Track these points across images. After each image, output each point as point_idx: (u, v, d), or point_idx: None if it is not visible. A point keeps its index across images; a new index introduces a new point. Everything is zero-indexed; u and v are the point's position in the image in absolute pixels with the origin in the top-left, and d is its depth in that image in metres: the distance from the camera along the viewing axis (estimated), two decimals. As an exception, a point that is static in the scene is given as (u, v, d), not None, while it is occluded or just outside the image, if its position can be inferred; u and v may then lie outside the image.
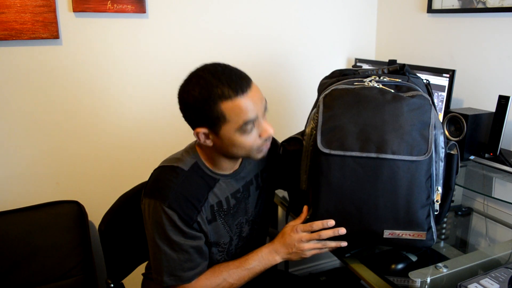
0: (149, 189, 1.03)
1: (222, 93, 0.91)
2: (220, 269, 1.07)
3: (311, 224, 1.01)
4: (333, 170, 0.96)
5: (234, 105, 0.92)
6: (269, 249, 1.08)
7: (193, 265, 1.03)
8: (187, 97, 0.95)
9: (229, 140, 0.96)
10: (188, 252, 1.02)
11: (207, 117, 0.94)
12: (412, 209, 0.95)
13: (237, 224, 1.13)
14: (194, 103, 0.94)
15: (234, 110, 0.92)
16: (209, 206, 1.05)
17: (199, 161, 1.05)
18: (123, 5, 1.55)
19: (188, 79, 0.96)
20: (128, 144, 1.70)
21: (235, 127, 0.94)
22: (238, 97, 0.92)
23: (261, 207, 1.20)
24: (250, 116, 0.94)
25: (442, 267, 0.98)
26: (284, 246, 1.06)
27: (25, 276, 1.44)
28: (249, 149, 0.99)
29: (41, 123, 1.56)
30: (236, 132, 0.95)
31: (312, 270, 2.19)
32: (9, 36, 1.43)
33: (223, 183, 1.08)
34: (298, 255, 1.05)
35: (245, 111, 0.93)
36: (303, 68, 1.94)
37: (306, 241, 1.03)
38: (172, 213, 0.98)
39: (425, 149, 0.95)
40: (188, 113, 0.98)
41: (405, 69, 1.10)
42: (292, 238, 1.04)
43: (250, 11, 1.79)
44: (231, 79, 0.92)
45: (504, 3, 1.44)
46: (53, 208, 1.54)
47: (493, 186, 1.42)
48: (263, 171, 1.19)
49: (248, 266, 1.06)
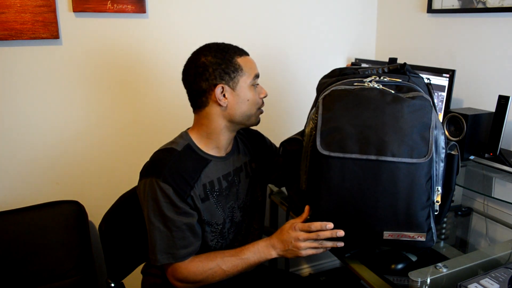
0: (145, 170, 1.10)
1: (236, 50, 1.11)
2: (215, 254, 1.10)
3: (309, 224, 1.02)
4: (333, 172, 0.96)
5: (246, 60, 1.11)
6: (266, 243, 1.09)
7: (186, 243, 1.07)
8: (203, 61, 1.08)
9: (244, 94, 1.09)
10: (181, 229, 1.06)
11: (226, 70, 1.07)
12: (412, 210, 0.95)
13: (229, 207, 1.17)
14: (212, 63, 1.07)
15: (247, 64, 1.10)
16: (202, 185, 1.10)
17: (192, 143, 1.13)
18: (123, 5, 1.55)
19: (195, 52, 1.11)
20: (128, 144, 1.70)
21: (249, 79, 1.10)
22: (247, 56, 1.13)
23: (252, 196, 1.25)
24: (257, 71, 1.13)
25: (442, 267, 0.98)
26: (281, 242, 1.07)
27: (25, 276, 1.44)
28: (256, 106, 1.13)
29: (41, 123, 1.56)
30: (249, 85, 1.10)
31: (312, 270, 2.20)
32: (9, 36, 1.43)
33: (214, 165, 1.14)
34: (294, 253, 1.06)
35: (254, 67, 1.12)
36: (303, 68, 1.94)
37: (303, 240, 1.04)
38: (166, 187, 1.03)
39: (425, 151, 0.94)
40: (203, 76, 1.07)
41: (405, 68, 1.09)
42: (289, 235, 1.05)
43: (250, 11, 1.79)
44: (234, 46, 1.13)
45: (504, 3, 1.44)
46: (53, 208, 1.54)
47: (493, 186, 1.42)
48: (251, 160, 1.26)
49: (243, 256, 1.08)
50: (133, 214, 1.26)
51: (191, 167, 1.09)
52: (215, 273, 1.08)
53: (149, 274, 1.23)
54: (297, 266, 2.16)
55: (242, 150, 1.24)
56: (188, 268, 1.07)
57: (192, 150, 1.12)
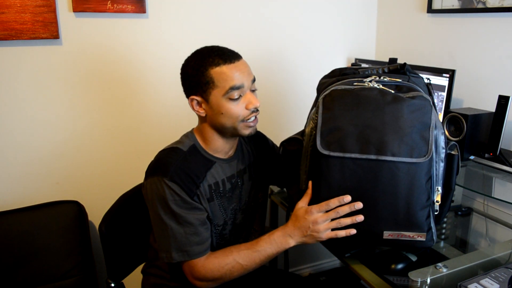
0: (151, 169, 1.08)
1: (213, 60, 1.03)
2: (231, 249, 1.07)
3: (327, 202, 0.97)
4: (333, 172, 0.96)
5: (221, 71, 1.03)
6: (282, 232, 1.05)
7: (199, 240, 1.05)
8: (185, 67, 1.08)
9: (217, 107, 1.05)
10: (193, 225, 1.04)
11: (199, 83, 1.04)
12: (412, 210, 0.95)
13: (232, 209, 1.16)
14: (189, 71, 1.06)
15: (221, 76, 1.03)
16: (207, 185, 1.10)
17: (197, 144, 1.12)
18: (123, 5, 1.55)
19: (189, 55, 1.09)
20: (128, 144, 1.70)
21: (222, 92, 1.03)
22: (226, 65, 1.03)
23: (254, 198, 1.24)
24: (236, 83, 1.03)
25: (442, 267, 0.98)
26: (298, 229, 1.03)
27: (25, 276, 1.44)
28: (235, 120, 1.06)
29: (41, 123, 1.56)
30: (223, 97, 1.04)
31: (312, 270, 2.19)
32: (9, 36, 1.43)
33: (219, 166, 1.13)
34: (314, 238, 1.02)
35: (231, 78, 1.03)
36: (303, 68, 1.94)
37: (322, 222, 0.99)
38: (174, 185, 1.03)
39: (425, 150, 0.94)
40: (185, 82, 1.08)
41: (405, 68, 1.09)
42: (306, 220, 1.00)
43: (250, 11, 1.79)
44: (223, 52, 1.06)
45: (504, 3, 1.44)
46: (53, 208, 1.54)
47: (493, 186, 1.42)
48: (255, 162, 1.25)
49: (259, 248, 1.05)
50: (133, 214, 1.27)
51: (196, 168, 1.08)
52: (233, 268, 1.05)
53: (149, 274, 1.23)
54: (297, 266, 2.16)
55: (246, 152, 1.23)
56: (205, 266, 1.05)
57: (197, 151, 1.11)
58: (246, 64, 1.08)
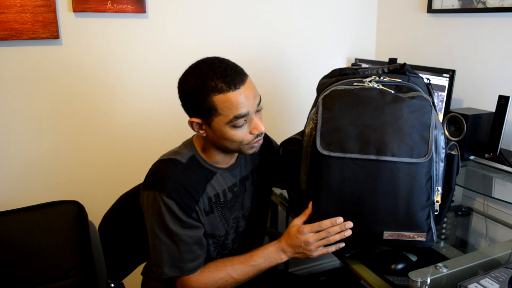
0: (148, 182, 1.05)
1: (215, 86, 0.94)
2: (224, 263, 1.07)
3: (319, 223, 1.00)
4: (333, 172, 0.96)
5: (226, 99, 0.94)
6: (275, 247, 1.07)
7: (193, 257, 1.04)
8: (184, 86, 0.99)
9: (220, 133, 0.99)
10: (188, 243, 1.03)
11: (200, 108, 0.97)
12: (412, 210, 0.95)
13: (233, 218, 1.14)
14: (189, 93, 0.97)
15: (225, 104, 0.94)
16: (207, 198, 1.07)
17: (196, 154, 1.08)
18: (123, 5, 1.55)
19: (188, 70, 1.00)
20: (128, 144, 1.70)
21: (225, 120, 0.96)
22: (231, 92, 0.94)
23: (257, 203, 1.21)
24: (241, 111, 0.96)
25: (442, 267, 0.98)
26: (290, 246, 1.05)
27: (25, 276, 1.44)
28: (239, 144, 1.01)
29: (41, 123, 1.56)
30: (226, 125, 0.97)
31: (312, 270, 2.19)
32: (9, 36, 1.43)
33: (220, 176, 1.10)
34: (305, 255, 1.05)
35: (236, 106, 0.95)
36: (303, 68, 1.94)
37: (313, 242, 1.02)
38: (171, 202, 1.00)
39: (425, 151, 0.94)
40: (184, 102, 1.01)
41: (405, 68, 1.09)
42: (298, 239, 1.03)
43: (250, 11, 1.78)
44: (226, 73, 0.95)
45: (504, 3, 1.44)
46: (53, 208, 1.54)
47: (493, 186, 1.42)
48: (258, 167, 1.21)
49: (253, 263, 1.06)
50: (133, 214, 1.26)
51: (196, 181, 1.04)
52: (226, 282, 1.05)
53: (150, 278, 1.22)
54: (297, 266, 2.16)
55: (249, 158, 1.18)
56: (199, 281, 1.05)
57: (197, 162, 1.07)
58: (252, 85, 0.99)
